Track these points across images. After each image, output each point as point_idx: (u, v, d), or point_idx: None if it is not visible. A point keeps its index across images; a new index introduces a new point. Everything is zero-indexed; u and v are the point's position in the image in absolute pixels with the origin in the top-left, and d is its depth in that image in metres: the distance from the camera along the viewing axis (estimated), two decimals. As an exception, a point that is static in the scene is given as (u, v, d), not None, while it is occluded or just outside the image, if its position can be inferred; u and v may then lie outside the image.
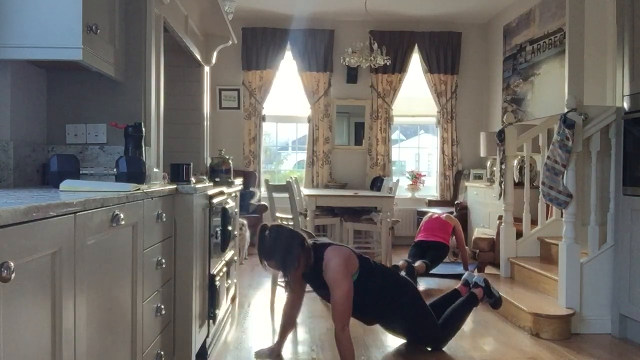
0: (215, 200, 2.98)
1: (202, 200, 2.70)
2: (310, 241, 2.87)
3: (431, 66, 7.20)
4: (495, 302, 3.42)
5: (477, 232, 5.38)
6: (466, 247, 5.37)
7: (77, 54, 1.97)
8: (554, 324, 3.37)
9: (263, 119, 7.18)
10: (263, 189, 6.58)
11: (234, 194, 3.85)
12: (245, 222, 5.67)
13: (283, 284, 3.27)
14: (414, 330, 3.11)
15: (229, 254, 3.65)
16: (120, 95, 2.51)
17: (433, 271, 4.93)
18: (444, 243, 5.13)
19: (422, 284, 4.72)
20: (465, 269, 5.03)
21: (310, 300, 3.75)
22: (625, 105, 3.36)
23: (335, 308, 2.72)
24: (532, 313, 3.44)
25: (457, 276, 4.46)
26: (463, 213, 6.33)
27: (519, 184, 4.89)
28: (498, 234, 4.67)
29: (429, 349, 3.14)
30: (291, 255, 2.72)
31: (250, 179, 6.75)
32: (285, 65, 7.20)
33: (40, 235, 1.18)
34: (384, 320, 3.11)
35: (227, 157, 3.87)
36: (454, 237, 5.33)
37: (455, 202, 6.65)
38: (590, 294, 3.47)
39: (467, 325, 3.62)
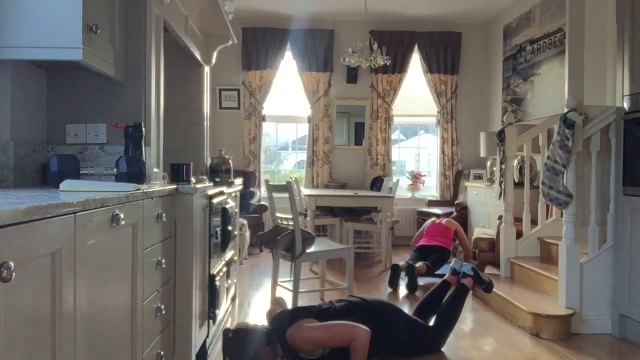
0: (215, 200, 2.98)
1: (202, 200, 2.70)
2: (270, 328, 2.72)
3: (431, 66, 7.20)
4: (486, 287, 3.41)
5: (477, 232, 5.39)
6: (470, 249, 5.38)
7: (77, 54, 1.97)
8: (554, 324, 3.37)
9: (263, 119, 7.18)
10: (263, 189, 6.58)
11: (234, 194, 3.85)
12: (245, 222, 5.67)
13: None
14: (413, 343, 3.05)
15: (229, 254, 3.65)
16: (120, 95, 2.51)
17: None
18: (446, 248, 5.16)
19: (423, 283, 4.71)
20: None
21: (311, 300, 3.75)
22: (625, 105, 3.36)
23: (354, 347, 2.64)
24: (532, 313, 3.44)
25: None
26: (463, 213, 6.33)
27: (519, 184, 4.89)
28: (498, 234, 4.67)
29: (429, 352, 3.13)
30: (259, 357, 2.57)
31: (250, 179, 6.75)
32: (285, 65, 7.20)
33: (40, 235, 1.18)
34: (382, 349, 2.98)
35: (227, 157, 3.87)
36: (456, 240, 5.36)
37: (455, 202, 6.65)
38: (590, 294, 3.47)
39: (467, 325, 3.63)
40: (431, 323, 3.21)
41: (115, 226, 1.64)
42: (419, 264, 4.77)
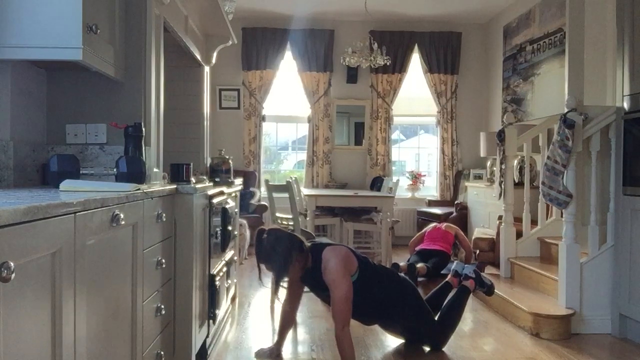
0: (215, 200, 2.98)
1: (202, 200, 2.70)
2: (308, 243, 2.86)
3: (431, 66, 7.20)
4: (488, 290, 3.43)
5: (477, 232, 5.39)
6: (471, 249, 5.39)
7: (77, 54, 1.97)
8: (554, 324, 3.37)
9: (263, 119, 7.18)
10: (263, 189, 6.58)
11: (234, 194, 3.85)
12: (244, 222, 5.66)
13: (285, 285, 3.26)
14: (413, 329, 3.11)
15: (229, 254, 3.65)
16: (120, 95, 2.51)
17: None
18: (446, 252, 5.17)
19: (423, 284, 4.71)
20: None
21: (311, 300, 3.75)
22: (625, 105, 3.36)
23: (335, 308, 2.72)
24: (532, 313, 3.44)
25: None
26: (463, 213, 6.33)
27: (519, 184, 4.89)
28: (498, 234, 4.67)
29: (428, 348, 3.14)
30: (289, 259, 2.71)
31: (250, 179, 6.75)
32: (285, 65, 7.20)
33: (40, 235, 1.18)
34: (383, 320, 3.11)
35: (227, 157, 3.87)
36: (458, 243, 5.38)
37: (455, 202, 6.65)
38: (590, 294, 3.47)
39: (467, 325, 3.63)
40: None
41: (115, 226, 1.64)
42: (419, 265, 4.78)
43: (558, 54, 5.31)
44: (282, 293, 3.93)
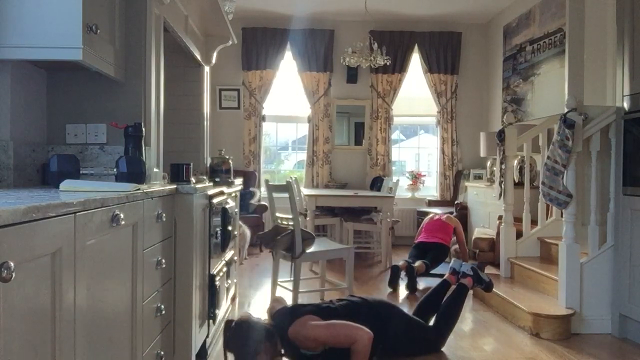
0: (215, 200, 2.98)
1: (202, 200, 2.70)
2: (272, 327, 2.71)
3: (431, 66, 7.21)
4: (486, 286, 3.43)
5: (477, 232, 5.39)
6: (466, 248, 5.39)
7: (77, 54, 1.97)
8: (554, 324, 3.37)
9: (263, 119, 7.18)
10: (263, 189, 6.58)
11: (234, 194, 3.85)
12: (242, 224, 5.61)
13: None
14: (411, 346, 3.04)
15: (229, 254, 3.65)
16: (120, 95, 2.51)
17: (433, 271, 4.93)
18: (445, 244, 5.15)
19: (422, 284, 4.72)
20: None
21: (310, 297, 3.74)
22: (625, 105, 3.36)
23: (362, 349, 2.65)
24: (532, 313, 3.44)
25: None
26: (463, 213, 6.33)
27: (519, 184, 4.89)
28: (498, 234, 4.67)
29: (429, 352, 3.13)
30: (259, 349, 2.58)
31: (250, 179, 6.75)
32: (285, 65, 7.20)
33: (40, 235, 1.18)
34: (379, 352, 2.96)
35: (227, 157, 3.87)
36: (454, 237, 5.36)
37: (455, 202, 6.65)
38: (590, 294, 3.47)
39: (467, 325, 3.63)
40: (431, 323, 3.22)
41: (115, 226, 1.64)
42: (417, 264, 4.77)
43: (558, 54, 5.31)
44: (282, 295, 3.93)
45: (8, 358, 1.07)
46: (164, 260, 2.23)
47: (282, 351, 2.71)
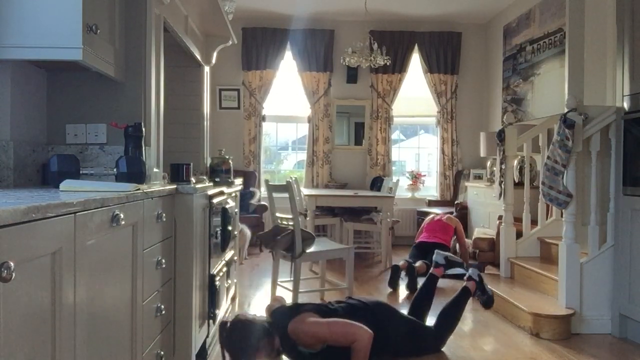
0: (215, 200, 2.98)
1: (202, 200, 2.70)
2: (270, 324, 2.71)
3: (431, 66, 7.21)
4: (487, 300, 3.38)
5: (477, 232, 5.39)
6: (467, 248, 5.39)
7: (77, 54, 1.96)
8: (554, 324, 3.37)
9: (263, 119, 7.18)
10: (263, 189, 6.58)
11: (234, 194, 3.85)
12: (242, 224, 5.60)
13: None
14: (411, 347, 3.04)
15: (229, 254, 3.64)
16: (120, 95, 2.51)
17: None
18: (445, 244, 5.16)
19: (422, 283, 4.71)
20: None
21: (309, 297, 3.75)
22: (625, 105, 3.36)
23: (363, 347, 2.66)
24: (532, 313, 3.44)
25: (458, 276, 4.46)
26: (463, 213, 6.34)
27: (519, 184, 4.89)
28: (498, 234, 4.67)
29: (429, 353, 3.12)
30: (257, 348, 2.59)
31: (250, 179, 6.75)
32: (285, 65, 7.20)
33: (40, 235, 1.18)
34: (379, 354, 2.96)
35: (227, 157, 3.87)
36: (455, 237, 5.36)
37: (455, 202, 6.65)
38: (590, 294, 3.47)
39: (467, 325, 3.63)
40: (428, 321, 3.22)
41: (115, 226, 1.64)
42: (418, 264, 4.77)
43: (558, 54, 5.31)
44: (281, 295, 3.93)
45: (8, 358, 1.07)
46: (164, 260, 2.23)
47: (281, 349, 2.71)
